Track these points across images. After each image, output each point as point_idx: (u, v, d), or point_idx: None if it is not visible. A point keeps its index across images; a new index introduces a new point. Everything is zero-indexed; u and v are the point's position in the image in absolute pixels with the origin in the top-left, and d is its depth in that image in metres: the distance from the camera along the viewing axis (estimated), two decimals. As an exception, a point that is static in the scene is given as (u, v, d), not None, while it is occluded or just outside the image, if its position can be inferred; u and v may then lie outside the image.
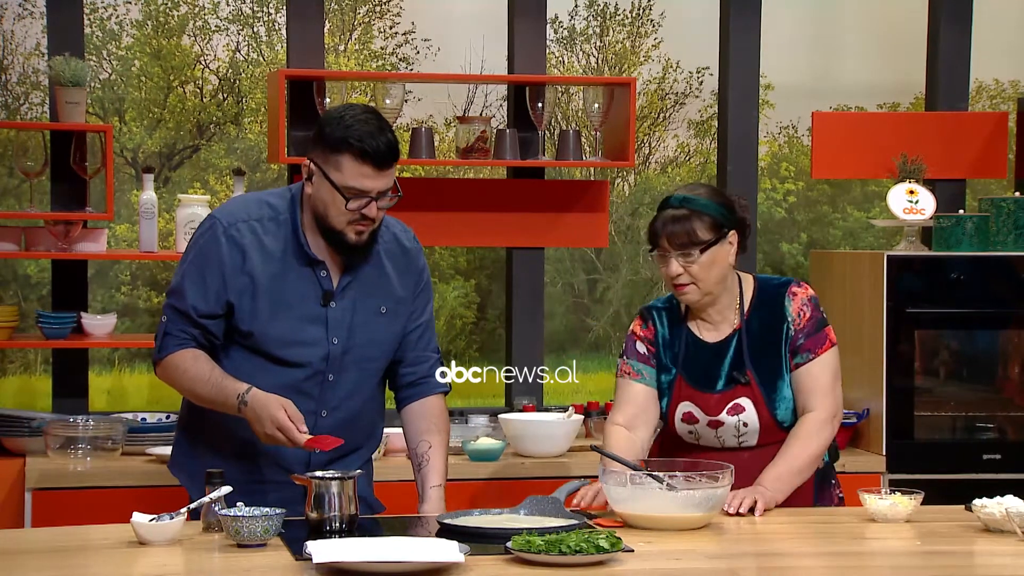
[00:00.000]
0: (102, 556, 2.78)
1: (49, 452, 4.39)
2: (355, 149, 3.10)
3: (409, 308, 3.34)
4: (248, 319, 3.19)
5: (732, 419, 3.36)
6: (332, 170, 3.13)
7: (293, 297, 3.20)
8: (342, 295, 3.24)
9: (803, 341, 3.38)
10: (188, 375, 3.19)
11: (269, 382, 3.17)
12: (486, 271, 6.60)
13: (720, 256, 3.35)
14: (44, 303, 5.68)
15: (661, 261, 3.36)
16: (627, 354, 3.46)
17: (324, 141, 3.15)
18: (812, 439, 3.33)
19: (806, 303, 3.41)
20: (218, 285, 3.18)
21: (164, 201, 5.37)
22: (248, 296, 3.18)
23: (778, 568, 2.80)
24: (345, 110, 3.19)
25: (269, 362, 3.21)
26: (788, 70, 6.60)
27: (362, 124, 3.12)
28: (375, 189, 3.14)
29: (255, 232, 3.21)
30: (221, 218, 3.23)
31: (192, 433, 3.35)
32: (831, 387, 3.39)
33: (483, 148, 4.93)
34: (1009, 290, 4.72)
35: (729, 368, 3.37)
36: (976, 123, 5.33)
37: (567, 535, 2.74)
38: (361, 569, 2.58)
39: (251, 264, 3.18)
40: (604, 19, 6.80)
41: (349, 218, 3.15)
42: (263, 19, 6.44)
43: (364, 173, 3.12)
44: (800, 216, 7.09)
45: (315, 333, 3.22)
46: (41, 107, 6.02)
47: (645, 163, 7.02)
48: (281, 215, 3.23)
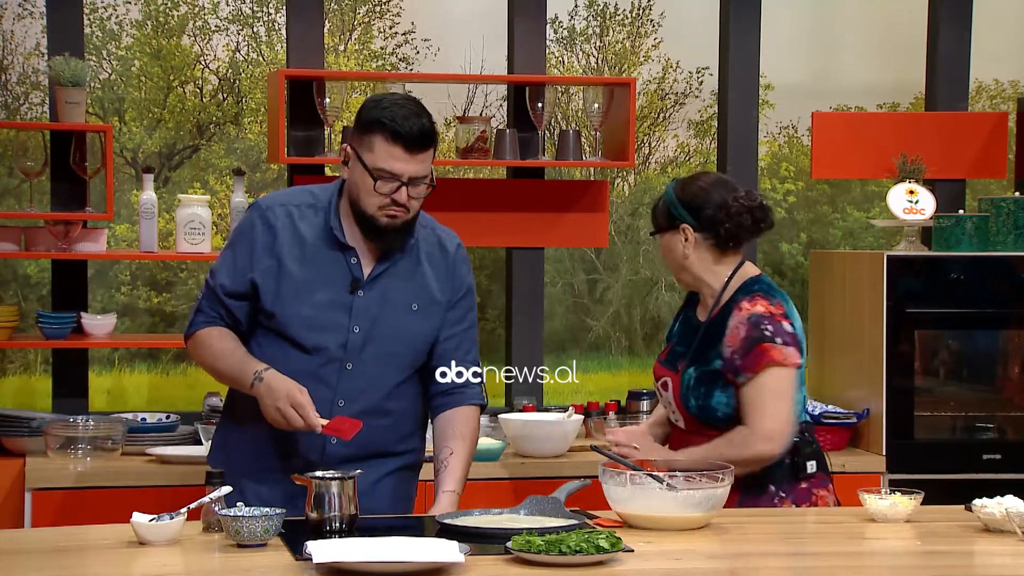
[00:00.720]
0: (102, 556, 2.78)
1: (49, 452, 4.39)
2: (387, 129, 3.11)
3: (444, 312, 3.30)
4: (271, 300, 3.21)
5: (664, 392, 3.50)
6: (365, 151, 3.15)
7: (320, 282, 3.21)
8: (371, 285, 3.23)
9: (739, 361, 3.32)
10: (212, 350, 3.24)
11: (291, 368, 3.18)
12: (486, 271, 6.60)
13: (671, 245, 3.45)
14: (44, 303, 5.68)
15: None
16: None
17: (360, 123, 3.17)
18: (731, 445, 3.30)
19: (743, 321, 3.33)
20: (245, 264, 3.23)
21: (164, 201, 5.37)
22: (272, 277, 3.21)
23: (778, 568, 2.80)
24: (386, 95, 3.22)
25: (292, 347, 3.21)
26: (788, 70, 6.60)
27: (398, 107, 3.14)
28: (406, 173, 3.14)
29: (291, 216, 3.24)
30: (261, 202, 3.30)
31: (230, 424, 3.36)
32: (762, 406, 3.30)
33: (483, 148, 4.93)
34: (1009, 290, 4.72)
35: (679, 351, 3.49)
36: (976, 123, 5.33)
37: (567, 535, 2.74)
38: (361, 569, 2.58)
39: (280, 245, 3.21)
40: (604, 19, 6.80)
41: (380, 202, 3.15)
42: (263, 19, 6.44)
43: (394, 155, 3.12)
44: (800, 216, 7.10)
45: (337, 319, 3.21)
46: (41, 107, 6.02)
47: (645, 163, 7.02)
48: (320, 203, 3.26)
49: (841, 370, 4.95)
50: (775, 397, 3.29)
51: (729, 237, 3.40)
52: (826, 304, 5.03)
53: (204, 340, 3.27)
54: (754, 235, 3.45)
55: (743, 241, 3.43)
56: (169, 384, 6.53)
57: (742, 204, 3.38)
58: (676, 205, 3.40)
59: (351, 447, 3.21)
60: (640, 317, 6.88)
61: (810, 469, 3.41)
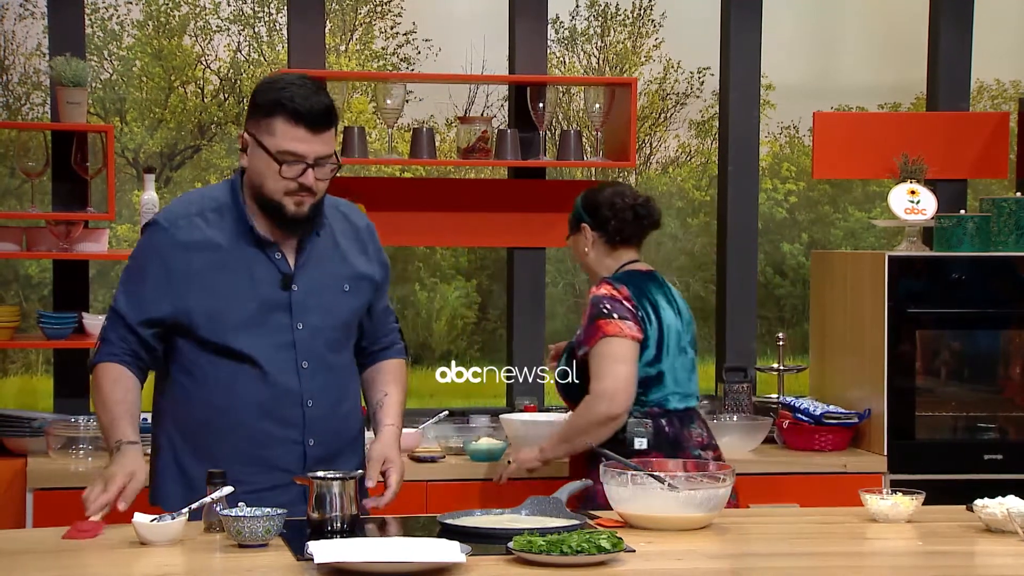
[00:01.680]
0: (103, 556, 2.78)
1: (50, 452, 4.39)
2: (287, 110, 3.00)
3: (374, 284, 3.25)
4: (205, 319, 3.08)
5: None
6: (265, 136, 3.03)
7: (249, 284, 3.10)
8: (300, 277, 3.14)
9: (582, 337, 3.77)
10: (101, 394, 3.10)
11: (248, 382, 3.09)
12: (487, 271, 6.60)
13: (576, 243, 3.95)
14: (45, 303, 5.68)
15: None
16: None
17: (257, 108, 3.05)
18: (578, 414, 3.77)
19: (589, 303, 3.77)
20: (160, 289, 3.08)
21: (165, 201, 5.36)
22: (199, 294, 3.08)
23: (779, 568, 2.80)
24: (280, 77, 3.10)
25: (240, 362, 3.10)
26: (789, 70, 6.61)
27: (296, 87, 3.03)
28: (311, 154, 3.03)
29: (197, 226, 3.11)
30: (160, 219, 3.14)
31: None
32: (598, 370, 3.71)
33: (484, 148, 4.93)
34: (1010, 290, 4.71)
35: None
36: (977, 123, 5.33)
37: (568, 535, 2.74)
38: (362, 569, 2.58)
39: (197, 260, 3.09)
40: (605, 19, 6.80)
41: (285, 187, 3.04)
42: (264, 19, 6.44)
43: (298, 136, 3.01)
44: (801, 216, 7.10)
45: (279, 319, 3.12)
46: (42, 107, 6.03)
47: (646, 163, 7.02)
48: (223, 203, 3.13)
49: (842, 370, 4.95)
50: (612, 361, 3.70)
51: (616, 232, 3.87)
52: (827, 304, 5.03)
53: (99, 378, 3.10)
54: (639, 229, 3.89)
55: (631, 236, 3.88)
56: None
57: (626, 203, 3.86)
58: (579, 209, 3.94)
59: (330, 448, 3.18)
60: (641, 317, 6.85)
61: (639, 445, 3.71)
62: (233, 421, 3.12)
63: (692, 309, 3.95)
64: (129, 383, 3.11)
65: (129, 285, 3.14)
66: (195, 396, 3.14)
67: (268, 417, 3.12)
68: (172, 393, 3.18)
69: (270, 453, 3.13)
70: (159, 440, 3.22)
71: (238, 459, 3.10)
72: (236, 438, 3.12)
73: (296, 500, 3.05)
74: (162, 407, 3.22)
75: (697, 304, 6.65)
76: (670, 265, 6.85)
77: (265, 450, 3.13)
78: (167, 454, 3.19)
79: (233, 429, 3.12)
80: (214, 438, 3.12)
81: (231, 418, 3.12)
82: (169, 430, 3.19)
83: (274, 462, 3.13)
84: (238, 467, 3.05)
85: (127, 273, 3.17)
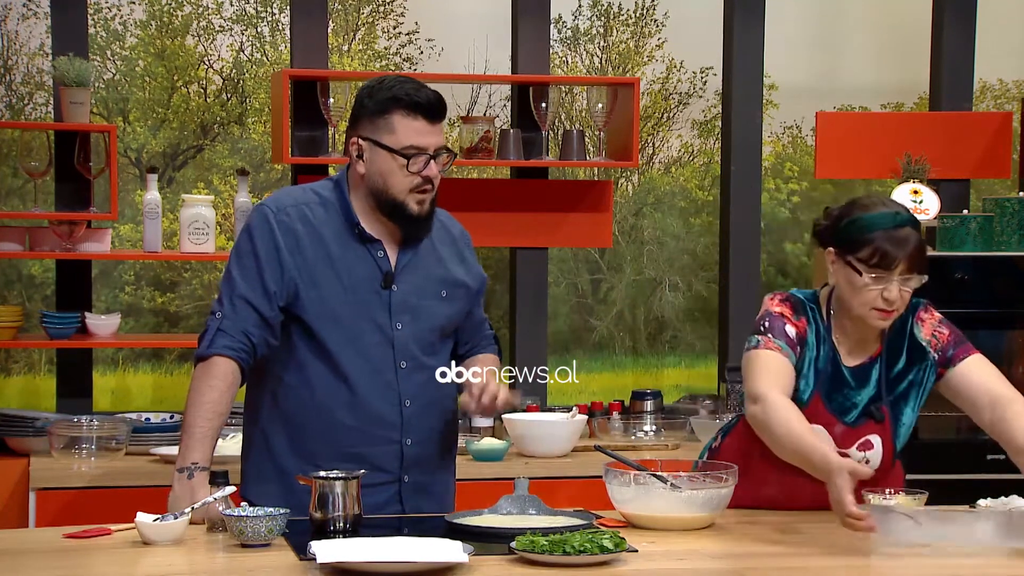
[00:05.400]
0: (106, 556, 2.78)
1: (53, 452, 4.39)
2: (405, 104, 3.05)
3: (470, 293, 3.27)
4: (312, 304, 3.07)
5: (859, 454, 3.16)
6: (385, 135, 3.06)
7: (351, 279, 3.11)
8: (401, 277, 3.15)
9: (952, 352, 3.22)
10: (205, 394, 3.03)
11: (349, 382, 3.09)
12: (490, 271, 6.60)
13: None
14: (48, 303, 5.68)
15: (876, 283, 3.04)
16: (773, 333, 3.12)
17: (369, 110, 3.08)
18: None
19: (938, 325, 3.24)
20: (276, 273, 3.07)
21: (168, 201, 5.37)
22: (308, 281, 3.08)
23: (781, 568, 2.80)
24: (383, 78, 3.13)
25: (341, 360, 3.09)
26: (792, 70, 6.60)
27: (405, 83, 3.08)
28: (432, 146, 3.07)
29: (305, 215, 3.11)
30: (270, 204, 3.14)
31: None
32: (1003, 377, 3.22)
33: (487, 148, 4.93)
34: (1013, 290, 4.71)
35: (868, 401, 3.18)
36: (980, 123, 5.33)
37: (571, 535, 2.74)
38: (365, 569, 2.58)
39: (306, 247, 3.09)
40: (608, 19, 6.80)
41: (411, 183, 3.07)
42: (267, 19, 6.44)
43: (418, 129, 3.06)
44: (804, 216, 7.09)
45: (379, 318, 3.12)
46: (45, 107, 6.03)
47: (649, 163, 7.02)
48: (327, 199, 3.15)
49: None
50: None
51: None
52: (830, 304, 5.02)
53: (209, 374, 3.03)
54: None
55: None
56: (173, 384, 6.54)
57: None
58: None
59: (427, 448, 3.19)
60: (644, 317, 6.87)
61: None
62: (331, 419, 3.11)
63: (694, 309, 3.91)
64: (234, 390, 3.07)
65: (244, 267, 3.09)
66: (293, 392, 3.13)
67: (366, 416, 3.12)
68: (269, 388, 3.16)
69: (368, 451, 3.12)
70: (252, 437, 3.20)
71: (335, 457, 3.09)
72: (333, 436, 3.12)
73: (392, 500, 3.11)
74: (257, 402, 3.19)
75: (699, 304, 6.65)
76: (672, 265, 6.86)
77: (363, 448, 3.12)
78: (261, 451, 3.18)
79: (331, 427, 3.11)
80: (311, 435, 3.12)
81: (329, 416, 3.11)
82: (264, 426, 3.17)
83: (371, 460, 3.12)
84: (335, 465, 3.03)
85: (237, 258, 3.12)
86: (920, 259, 3.05)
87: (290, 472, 3.11)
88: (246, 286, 3.08)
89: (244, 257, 3.11)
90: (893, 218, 3.05)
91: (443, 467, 3.27)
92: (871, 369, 3.19)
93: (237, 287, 3.08)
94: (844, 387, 3.17)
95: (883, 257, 3.02)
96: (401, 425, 3.15)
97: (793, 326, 3.14)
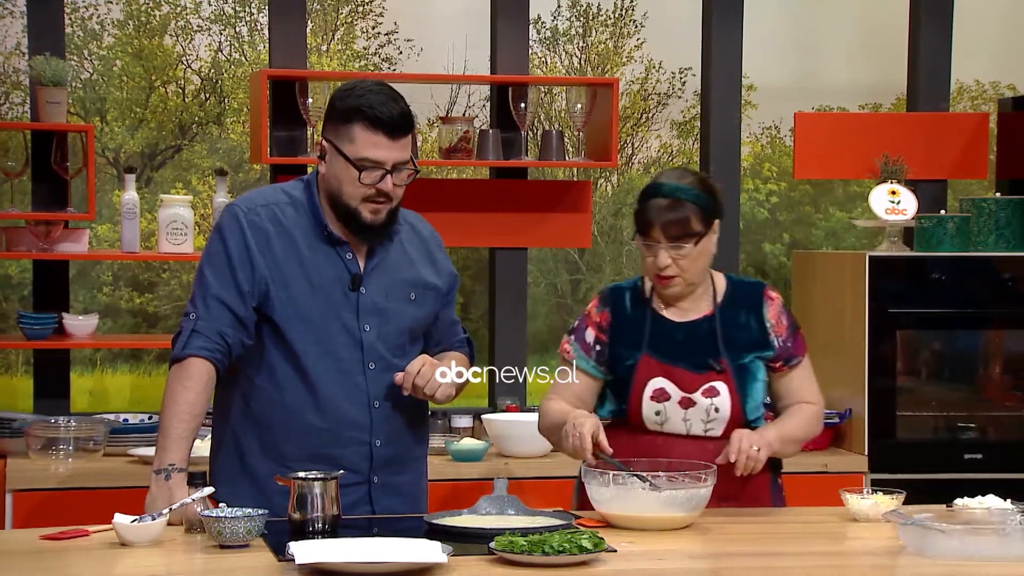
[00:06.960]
0: (84, 557, 2.77)
1: (30, 453, 4.37)
2: (367, 117, 3.04)
3: (439, 295, 3.27)
4: (282, 305, 3.08)
5: (706, 401, 3.26)
6: (345, 143, 3.07)
7: (319, 281, 3.11)
8: (369, 280, 3.16)
9: (789, 346, 3.38)
10: (180, 395, 3.03)
11: (318, 383, 3.09)
12: (469, 271, 6.60)
13: (708, 247, 3.29)
14: (25, 303, 5.66)
15: (648, 251, 3.27)
16: (576, 336, 3.38)
17: (336, 115, 3.09)
18: (811, 423, 3.43)
19: (781, 310, 3.39)
20: (248, 272, 3.08)
21: (146, 201, 5.35)
22: (278, 281, 3.09)
23: (760, 568, 2.80)
24: (356, 83, 3.13)
25: (309, 361, 3.10)
26: (771, 71, 6.62)
27: (374, 94, 3.07)
28: (389, 160, 3.07)
29: (275, 216, 3.12)
30: (240, 204, 3.15)
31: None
32: (816, 384, 3.48)
33: (466, 148, 4.93)
34: (990, 290, 4.73)
35: (702, 353, 3.30)
36: (957, 124, 5.35)
37: (550, 535, 2.74)
38: (344, 570, 2.57)
39: (276, 247, 3.10)
40: (587, 20, 6.80)
41: (364, 194, 3.07)
42: (245, 19, 6.43)
43: (377, 143, 3.05)
44: (782, 216, 7.11)
45: (346, 320, 3.13)
46: (22, 107, 6.01)
47: (628, 163, 7.03)
48: (297, 200, 3.16)
49: (823, 370, 4.92)
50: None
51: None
52: (808, 304, 5.04)
53: (185, 376, 3.03)
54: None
55: None
56: (151, 384, 6.52)
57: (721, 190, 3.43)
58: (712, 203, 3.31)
59: (397, 449, 3.19)
60: (623, 317, 6.86)
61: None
62: (300, 420, 3.12)
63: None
64: (210, 391, 3.08)
65: (216, 267, 3.10)
66: (262, 394, 3.14)
67: (335, 417, 3.12)
68: (239, 389, 3.17)
69: (337, 452, 3.12)
70: (223, 437, 3.21)
71: (305, 458, 3.09)
72: (303, 437, 3.12)
73: (362, 501, 3.11)
74: (227, 403, 3.20)
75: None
76: (652, 265, 6.85)
77: (332, 449, 3.12)
78: (231, 452, 3.18)
79: (300, 428, 3.12)
80: (281, 437, 3.12)
81: (298, 417, 3.12)
82: (234, 427, 3.18)
83: (341, 462, 3.11)
84: (305, 466, 3.03)
85: (209, 259, 3.12)
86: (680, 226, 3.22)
87: (260, 473, 3.12)
88: (219, 286, 3.09)
89: (216, 257, 3.12)
90: (656, 189, 3.27)
91: (414, 467, 3.26)
92: (702, 324, 3.34)
93: (210, 287, 3.09)
94: (675, 340, 3.32)
95: (642, 224, 3.27)
96: (370, 426, 3.15)
97: (593, 327, 3.38)
